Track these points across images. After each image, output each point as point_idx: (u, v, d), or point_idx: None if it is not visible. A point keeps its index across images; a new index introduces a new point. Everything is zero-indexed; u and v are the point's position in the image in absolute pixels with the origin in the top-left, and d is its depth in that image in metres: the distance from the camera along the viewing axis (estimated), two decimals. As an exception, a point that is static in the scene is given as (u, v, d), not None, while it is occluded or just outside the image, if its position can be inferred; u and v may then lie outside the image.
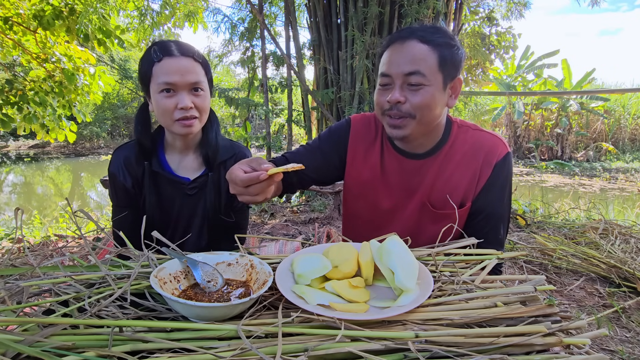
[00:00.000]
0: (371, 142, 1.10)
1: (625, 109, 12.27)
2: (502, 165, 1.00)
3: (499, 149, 1.01)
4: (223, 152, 1.20)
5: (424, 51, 0.90)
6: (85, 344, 0.52)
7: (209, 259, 0.76)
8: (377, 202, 1.10)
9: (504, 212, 1.04)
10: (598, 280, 2.12)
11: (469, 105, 5.67)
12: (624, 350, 1.50)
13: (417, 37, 0.91)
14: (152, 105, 1.08)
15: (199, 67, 1.06)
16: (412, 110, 0.92)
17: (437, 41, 0.91)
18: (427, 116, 0.93)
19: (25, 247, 1.76)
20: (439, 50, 0.90)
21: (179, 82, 1.01)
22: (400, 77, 0.91)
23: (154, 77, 1.03)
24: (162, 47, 1.04)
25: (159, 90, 1.02)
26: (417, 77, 0.90)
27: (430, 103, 0.91)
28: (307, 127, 4.34)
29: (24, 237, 2.50)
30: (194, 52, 1.06)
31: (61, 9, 3.46)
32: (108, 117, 15.19)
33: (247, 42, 5.05)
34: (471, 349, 0.53)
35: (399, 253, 0.70)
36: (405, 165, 1.05)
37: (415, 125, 0.94)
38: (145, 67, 1.05)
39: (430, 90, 0.91)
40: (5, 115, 3.63)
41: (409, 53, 0.90)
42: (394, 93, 0.92)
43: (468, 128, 1.05)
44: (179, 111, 1.03)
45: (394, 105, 0.93)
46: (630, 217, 4.05)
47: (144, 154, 1.14)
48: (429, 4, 3.12)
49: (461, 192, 1.01)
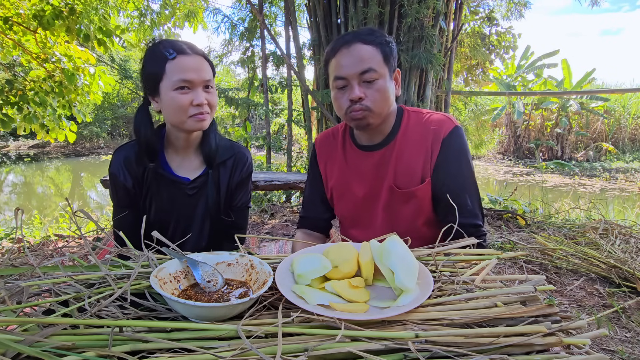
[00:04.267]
0: (335, 149, 1.24)
1: (625, 109, 12.27)
2: (449, 140, 1.08)
3: (446, 125, 1.10)
4: (223, 152, 1.21)
5: (370, 50, 1.03)
6: (85, 344, 0.52)
7: (209, 259, 0.76)
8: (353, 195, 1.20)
9: (465, 183, 1.09)
10: (598, 280, 2.12)
11: (469, 105, 5.67)
12: (624, 350, 1.50)
13: (360, 40, 1.03)
14: (159, 104, 1.08)
15: (208, 66, 1.09)
16: (370, 104, 1.04)
17: (377, 40, 1.04)
18: (384, 106, 1.06)
19: (25, 247, 1.76)
20: (381, 48, 1.04)
21: (195, 79, 1.04)
22: (355, 77, 1.03)
23: (168, 75, 1.03)
24: (173, 45, 1.05)
25: (174, 87, 1.03)
26: (370, 73, 1.02)
27: (384, 94, 1.05)
28: (307, 127, 4.34)
29: (24, 237, 2.51)
30: (202, 51, 1.09)
31: (61, 9, 3.45)
32: (108, 117, 15.19)
33: (247, 42, 5.06)
34: (471, 349, 0.53)
35: (399, 253, 0.70)
36: (369, 159, 1.17)
37: (375, 115, 1.06)
38: (156, 65, 1.05)
39: (382, 82, 1.04)
40: (5, 115, 3.62)
41: (358, 54, 1.02)
42: (354, 91, 1.03)
43: (419, 113, 1.16)
44: (194, 107, 1.05)
45: (357, 102, 1.04)
46: (630, 217, 4.05)
47: (149, 154, 1.14)
48: (429, 4, 3.11)
49: (419, 171, 1.11)
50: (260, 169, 4.88)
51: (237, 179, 1.24)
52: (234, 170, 1.24)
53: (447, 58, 3.70)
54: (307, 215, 1.31)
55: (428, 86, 3.44)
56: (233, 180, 1.24)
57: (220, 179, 1.22)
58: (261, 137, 5.08)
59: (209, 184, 1.20)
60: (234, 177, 1.24)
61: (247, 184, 1.28)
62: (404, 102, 3.35)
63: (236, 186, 1.25)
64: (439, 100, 3.83)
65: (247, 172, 1.27)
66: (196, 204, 1.21)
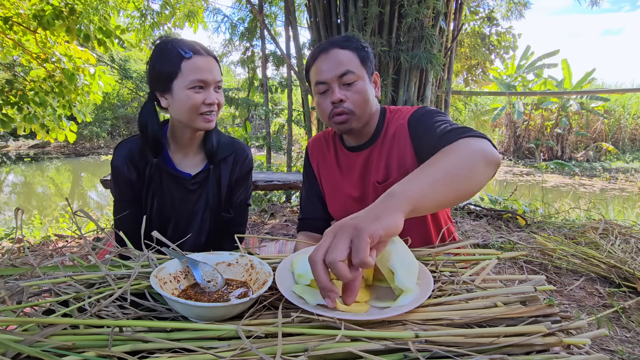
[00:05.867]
0: (327, 152, 1.27)
1: (625, 109, 12.27)
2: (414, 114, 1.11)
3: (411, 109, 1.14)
4: (224, 149, 1.24)
5: (347, 54, 1.06)
6: (85, 344, 0.52)
7: (209, 259, 0.76)
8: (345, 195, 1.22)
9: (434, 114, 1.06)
10: (598, 280, 2.12)
11: (469, 105, 5.67)
12: (624, 350, 1.50)
13: (337, 46, 1.07)
14: (168, 101, 1.11)
15: (218, 67, 1.13)
16: (351, 106, 1.07)
17: (353, 46, 1.07)
18: (365, 107, 1.09)
19: (25, 247, 1.76)
20: (357, 52, 1.07)
21: (209, 79, 1.08)
22: (335, 80, 1.06)
23: (184, 73, 1.06)
24: (188, 45, 1.08)
25: (189, 86, 1.06)
26: (349, 75, 1.05)
27: (364, 95, 1.07)
28: (307, 127, 4.34)
29: (24, 237, 2.51)
30: (213, 53, 1.13)
31: (61, 9, 3.46)
32: (108, 117, 15.18)
33: (247, 42, 5.06)
34: (471, 349, 0.53)
35: (399, 253, 0.70)
36: (357, 159, 1.19)
37: (356, 118, 1.09)
38: (171, 63, 1.07)
39: (362, 84, 1.07)
40: (5, 115, 3.62)
41: (336, 59, 1.06)
42: (335, 94, 1.06)
43: (399, 110, 1.18)
44: (205, 106, 1.09)
45: (338, 104, 1.06)
46: (630, 217, 4.05)
47: (155, 149, 1.16)
48: (429, 4, 3.11)
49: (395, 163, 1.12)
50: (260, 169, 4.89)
51: (237, 174, 1.27)
52: (235, 167, 1.27)
53: (447, 58, 3.70)
54: (306, 216, 1.32)
55: (428, 86, 3.44)
56: (233, 176, 1.27)
57: (221, 175, 1.24)
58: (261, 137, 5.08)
59: (210, 179, 1.22)
60: (234, 173, 1.27)
61: (247, 180, 1.31)
62: (404, 102, 3.35)
63: (236, 182, 1.27)
64: (439, 100, 3.83)
65: (247, 168, 1.30)
66: (197, 199, 1.22)
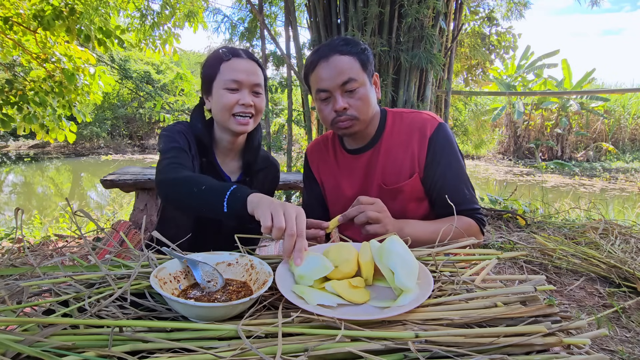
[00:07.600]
0: (326, 155, 1.29)
1: (625, 109, 12.27)
2: (436, 137, 1.11)
3: (430, 123, 1.13)
4: (260, 162, 1.28)
5: (348, 60, 1.06)
6: (85, 344, 0.52)
7: (209, 259, 0.76)
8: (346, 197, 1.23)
9: (459, 173, 1.13)
10: (598, 280, 2.12)
11: (469, 105, 5.67)
12: (624, 350, 1.50)
13: (337, 52, 1.06)
14: (210, 102, 1.14)
15: (260, 72, 1.15)
16: (355, 113, 1.08)
17: (354, 50, 1.07)
18: (368, 112, 1.10)
19: (25, 247, 1.76)
20: (357, 56, 1.07)
21: (244, 80, 1.10)
22: (337, 88, 1.06)
23: (221, 74, 1.10)
24: (231, 49, 1.13)
25: (224, 86, 1.09)
26: (351, 83, 1.05)
27: (367, 101, 1.08)
28: (307, 127, 4.34)
29: (24, 237, 2.50)
30: (257, 58, 1.16)
31: (61, 9, 3.45)
32: (108, 117, 15.16)
33: (247, 42, 5.06)
34: (471, 349, 0.53)
35: (399, 253, 0.70)
36: (358, 161, 1.21)
37: (360, 123, 1.10)
38: (213, 66, 1.12)
39: (364, 90, 1.08)
40: (5, 115, 3.62)
41: (337, 66, 1.05)
42: (338, 102, 1.06)
43: (402, 113, 1.19)
44: (239, 106, 1.10)
45: (341, 112, 1.07)
46: (630, 217, 4.05)
47: (201, 149, 1.18)
48: (429, 3, 3.11)
49: (407, 168, 1.14)
50: (260, 169, 4.87)
51: (266, 188, 1.32)
52: (265, 180, 1.32)
53: (447, 58, 3.70)
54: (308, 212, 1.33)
55: (428, 86, 3.44)
56: (263, 189, 1.30)
57: (252, 187, 1.27)
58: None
59: None
60: (264, 187, 1.31)
61: (271, 194, 1.36)
62: (404, 102, 3.35)
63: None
64: (439, 100, 3.83)
65: (274, 183, 1.36)
66: None
